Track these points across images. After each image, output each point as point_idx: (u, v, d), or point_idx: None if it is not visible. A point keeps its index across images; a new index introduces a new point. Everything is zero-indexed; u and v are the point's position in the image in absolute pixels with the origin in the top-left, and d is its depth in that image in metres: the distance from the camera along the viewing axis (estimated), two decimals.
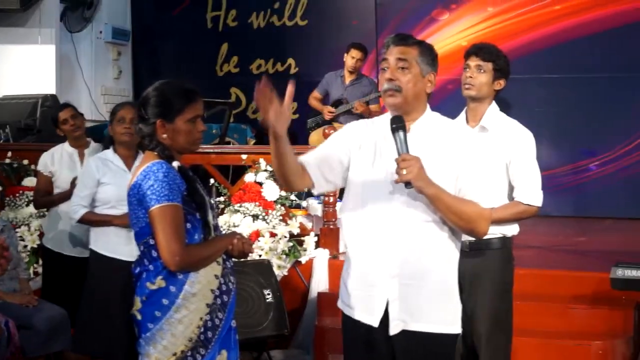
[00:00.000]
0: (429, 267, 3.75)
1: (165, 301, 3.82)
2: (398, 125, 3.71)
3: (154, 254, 3.82)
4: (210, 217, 3.92)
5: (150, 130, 3.91)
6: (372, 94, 10.11)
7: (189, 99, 3.93)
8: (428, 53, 3.82)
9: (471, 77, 4.89)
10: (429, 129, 3.83)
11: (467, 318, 4.72)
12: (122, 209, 5.70)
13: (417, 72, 3.78)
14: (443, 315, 3.80)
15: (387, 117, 3.88)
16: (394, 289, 3.75)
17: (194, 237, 3.86)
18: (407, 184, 3.61)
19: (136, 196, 3.84)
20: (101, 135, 8.33)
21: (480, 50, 4.93)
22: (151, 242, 3.83)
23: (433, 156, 3.74)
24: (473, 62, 4.91)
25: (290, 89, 3.64)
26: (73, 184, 6.49)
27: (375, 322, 3.78)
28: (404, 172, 3.59)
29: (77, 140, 6.87)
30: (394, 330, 3.77)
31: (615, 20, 10.61)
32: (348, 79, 10.33)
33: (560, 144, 10.57)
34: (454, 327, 3.84)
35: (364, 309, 3.83)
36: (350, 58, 10.20)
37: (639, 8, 10.51)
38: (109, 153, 6.00)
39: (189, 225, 3.84)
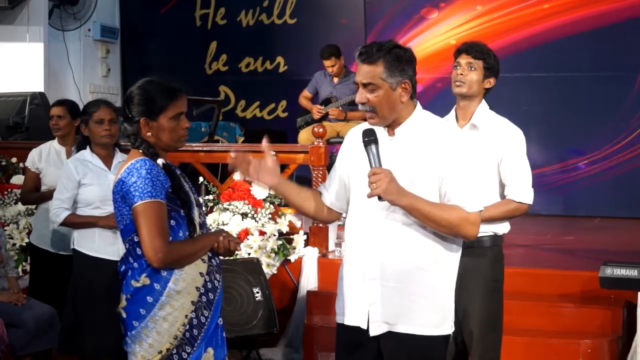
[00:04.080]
0: (412, 269, 3.75)
1: (149, 299, 3.82)
2: (370, 139, 3.73)
3: (139, 251, 3.82)
4: (195, 214, 3.92)
5: (134, 129, 3.92)
6: None
7: (172, 96, 3.93)
8: (396, 64, 3.74)
9: (462, 74, 4.88)
10: (415, 132, 3.81)
11: (458, 316, 4.73)
12: (106, 209, 5.69)
13: (386, 88, 3.74)
14: (430, 317, 3.79)
15: None
16: (375, 292, 3.77)
17: (179, 234, 3.86)
18: (380, 197, 3.64)
19: (120, 193, 3.85)
20: None
21: (471, 48, 4.91)
22: (135, 239, 3.83)
23: (416, 160, 3.75)
24: (464, 59, 4.90)
25: (265, 143, 3.96)
26: None
27: (359, 324, 3.81)
28: (374, 186, 3.61)
29: (61, 138, 6.83)
30: (374, 332, 3.79)
31: (604, 19, 10.63)
32: (337, 77, 10.36)
33: (549, 142, 10.59)
34: (442, 329, 3.83)
35: (349, 312, 3.87)
36: (328, 67, 10.29)
37: (626, 7, 10.53)
38: (87, 154, 5.95)
39: (173, 222, 3.84)
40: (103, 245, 5.77)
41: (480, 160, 4.56)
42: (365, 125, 3.92)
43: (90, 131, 5.91)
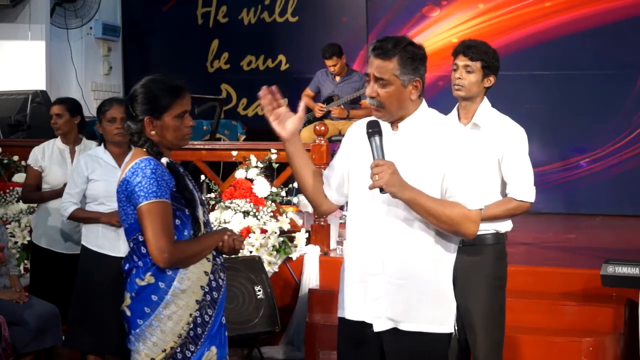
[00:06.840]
0: (414, 266, 3.74)
1: (154, 297, 3.82)
2: (374, 130, 3.71)
3: (143, 250, 3.82)
4: (200, 213, 3.92)
5: (138, 128, 3.91)
6: (363, 89, 10.11)
7: (176, 94, 3.92)
8: (409, 61, 3.72)
9: (460, 77, 4.85)
10: (418, 128, 3.79)
11: (461, 314, 4.72)
12: (111, 205, 5.70)
13: (398, 85, 3.72)
14: (433, 315, 3.78)
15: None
16: (379, 288, 3.76)
17: (183, 234, 3.86)
18: (381, 190, 3.62)
19: (124, 193, 3.85)
20: (91, 132, 8.30)
21: (468, 49, 4.86)
22: (140, 238, 3.83)
23: (419, 155, 3.73)
24: (461, 61, 4.86)
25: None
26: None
27: (363, 318, 3.80)
28: (376, 177, 3.59)
29: (63, 137, 6.82)
30: (378, 327, 3.78)
31: (606, 17, 10.64)
32: (338, 76, 10.36)
33: (551, 141, 10.59)
34: (445, 326, 3.82)
35: (352, 306, 3.86)
36: (329, 67, 10.29)
37: (628, 5, 10.54)
38: (100, 150, 6.00)
39: (178, 222, 3.84)
40: (106, 242, 5.81)
41: (481, 159, 4.56)
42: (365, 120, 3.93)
43: (103, 129, 5.96)
